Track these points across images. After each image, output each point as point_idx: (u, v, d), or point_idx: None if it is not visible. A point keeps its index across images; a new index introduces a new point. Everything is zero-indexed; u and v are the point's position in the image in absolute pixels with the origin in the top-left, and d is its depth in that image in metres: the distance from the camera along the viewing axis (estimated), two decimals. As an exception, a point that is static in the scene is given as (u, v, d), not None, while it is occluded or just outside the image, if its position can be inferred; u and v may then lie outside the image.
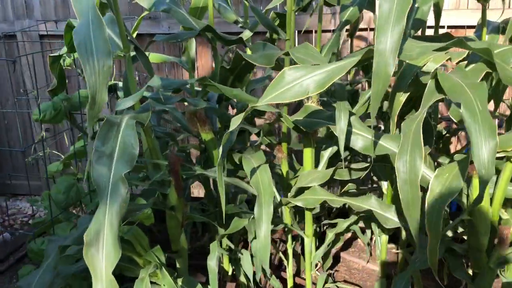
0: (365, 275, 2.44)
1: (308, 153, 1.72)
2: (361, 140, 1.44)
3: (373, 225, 2.06)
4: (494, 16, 2.10)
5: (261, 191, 1.57)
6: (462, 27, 2.95)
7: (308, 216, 1.82)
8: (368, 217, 1.94)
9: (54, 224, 2.10)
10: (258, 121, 2.78)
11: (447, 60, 1.45)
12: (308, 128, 1.56)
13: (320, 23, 1.78)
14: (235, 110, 2.29)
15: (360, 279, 2.41)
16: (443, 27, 2.92)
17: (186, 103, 2.42)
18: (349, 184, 2.16)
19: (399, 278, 1.40)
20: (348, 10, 1.78)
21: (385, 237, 1.95)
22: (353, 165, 1.64)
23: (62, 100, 2.00)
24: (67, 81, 2.07)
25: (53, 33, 3.59)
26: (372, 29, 3.19)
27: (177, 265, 1.98)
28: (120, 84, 2.33)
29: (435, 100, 1.19)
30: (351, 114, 1.45)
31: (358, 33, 3.23)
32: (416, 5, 1.69)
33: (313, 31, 3.23)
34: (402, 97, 1.38)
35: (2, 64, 3.92)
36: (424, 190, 1.25)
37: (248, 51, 2.62)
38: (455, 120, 1.40)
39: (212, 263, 1.76)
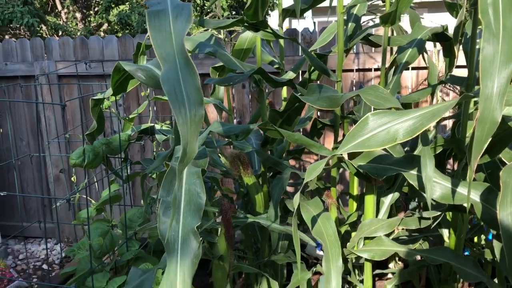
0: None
1: (370, 201, 1.63)
2: (439, 188, 1.36)
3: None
4: None
5: (327, 243, 1.47)
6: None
7: (368, 267, 1.71)
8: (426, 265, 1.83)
9: (89, 275, 1.97)
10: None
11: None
12: (376, 175, 1.47)
13: (384, 65, 1.74)
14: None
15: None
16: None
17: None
18: (399, 230, 2.05)
19: None
20: (407, 51, 1.73)
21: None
22: (425, 214, 1.55)
23: (102, 144, 1.92)
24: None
25: (72, 73, 3.57)
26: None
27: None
28: (157, 126, 2.25)
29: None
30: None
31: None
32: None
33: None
34: (485, 144, 1.31)
35: (19, 105, 3.86)
36: None
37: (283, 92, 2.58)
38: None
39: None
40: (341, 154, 1.62)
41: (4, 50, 3.78)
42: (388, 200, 1.72)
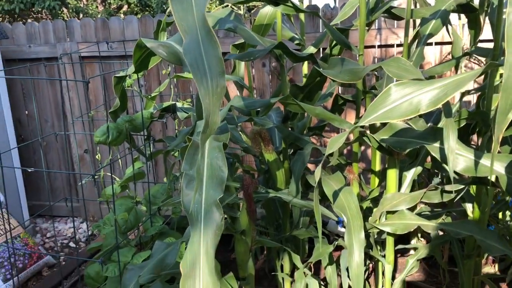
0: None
1: (392, 175, 1.62)
2: (462, 160, 1.34)
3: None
4: None
5: (349, 217, 1.47)
6: None
7: (390, 241, 1.71)
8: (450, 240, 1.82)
9: (114, 250, 2.02)
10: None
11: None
12: (399, 148, 1.46)
13: (407, 37, 1.70)
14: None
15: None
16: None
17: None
18: (422, 206, 2.03)
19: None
20: (430, 23, 1.70)
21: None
22: (448, 187, 1.53)
23: (125, 121, 1.95)
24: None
25: (94, 53, 3.60)
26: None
27: (245, 293, 1.88)
28: (179, 104, 2.27)
29: None
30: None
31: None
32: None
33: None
34: (510, 114, 1.28)
35: (43, 88, 3.93)
36: None
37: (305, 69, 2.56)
38: None
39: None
40: (363, 127, 1.61)
41: (28, 32, 3.84)
42: (410, 174, 1.71)
